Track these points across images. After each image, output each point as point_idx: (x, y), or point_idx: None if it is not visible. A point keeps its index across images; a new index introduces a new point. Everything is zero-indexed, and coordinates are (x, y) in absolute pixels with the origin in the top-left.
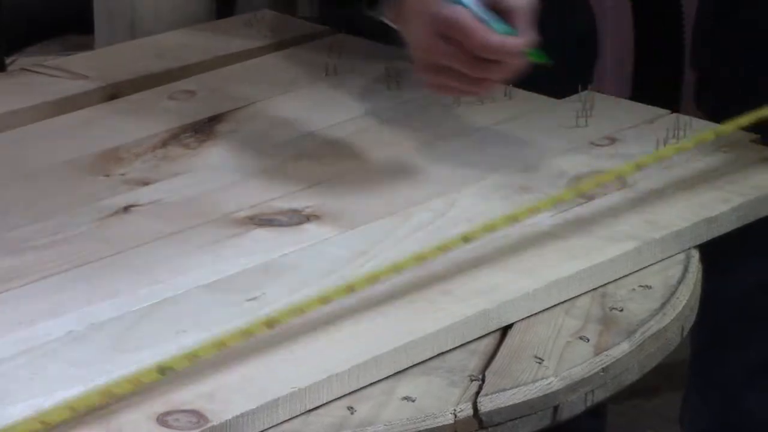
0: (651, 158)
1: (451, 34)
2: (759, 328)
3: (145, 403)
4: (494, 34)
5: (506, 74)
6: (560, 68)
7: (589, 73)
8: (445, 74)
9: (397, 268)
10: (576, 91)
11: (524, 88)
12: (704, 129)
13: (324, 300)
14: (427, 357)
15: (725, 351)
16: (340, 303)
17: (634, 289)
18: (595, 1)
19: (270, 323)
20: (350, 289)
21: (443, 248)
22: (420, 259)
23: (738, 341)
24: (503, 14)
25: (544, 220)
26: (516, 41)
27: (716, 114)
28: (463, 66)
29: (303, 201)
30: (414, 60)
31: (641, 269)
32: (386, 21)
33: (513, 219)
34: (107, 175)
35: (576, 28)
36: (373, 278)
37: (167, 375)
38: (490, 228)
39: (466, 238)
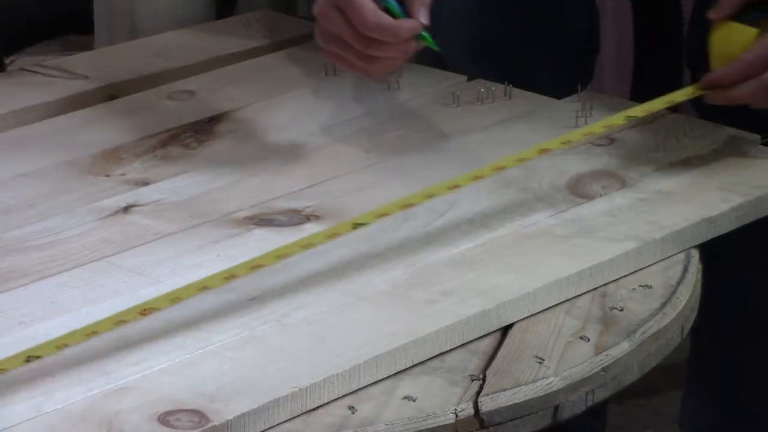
0: (577, 135)
1: (343, 8)
2: (758, 328)
3: (147, 403)
4: (383, 15)
5: (396, 55)
6: (560, 65)
7: (589, 70)
8: (337, 44)
9: (280, 255)
10: (575, 88)
11: (524, 86)
12: (703, 129)
13: (202, 287)
14: (428, 357)
15: (725, 351)
16: (340, 303)
17: (634, 289)
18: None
19: (143, 311)
20: (231, 275)
21: (332, 235)
22: (307, 245)
23: (737, 341)
24: None
25: (544, 220)
26: (405, 25)
27: (710, 113)
28: (353, 41)
29: (303, 201)
30: (316, 30)
31: (641, 269)
32: None
33: (407, 205)
34: (107, 175)
35: (576, 26)
36: (255, 266)
37: (32, 362)
38: (381, 214)
39: (355, 225)
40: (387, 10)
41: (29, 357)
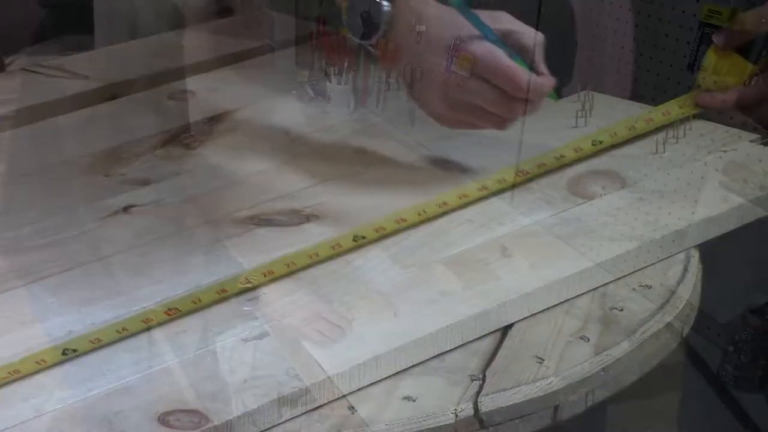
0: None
1: (487, 76)
2: (756, 328)
3: (147, 403)
4: (531, 75)
5: (531, 111)
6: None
7: (569, 68)
8: (471, 112)
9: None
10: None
11: None
12: (703, 129)
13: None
14: (428, 357)
15: (723, 351)
16: (341, 302)
17: (634, 289)
18: (596, 1)
19: (244, 281)
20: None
21: (264, 272)
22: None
23: (735, 341)
24: (518, 50)
25: (544, 220)
26: (549, 81)
27: (709, 113)
28: (499, 105)
29: (303, 201)
30: (439, 98)
31: (641, 269)
32: (373, 51)
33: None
34: (107, 175)
35: (555, 25)
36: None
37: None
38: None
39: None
40: None
41: (145, 321)
